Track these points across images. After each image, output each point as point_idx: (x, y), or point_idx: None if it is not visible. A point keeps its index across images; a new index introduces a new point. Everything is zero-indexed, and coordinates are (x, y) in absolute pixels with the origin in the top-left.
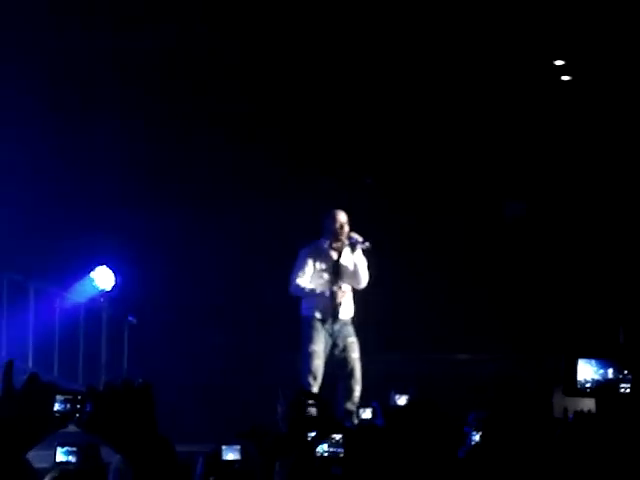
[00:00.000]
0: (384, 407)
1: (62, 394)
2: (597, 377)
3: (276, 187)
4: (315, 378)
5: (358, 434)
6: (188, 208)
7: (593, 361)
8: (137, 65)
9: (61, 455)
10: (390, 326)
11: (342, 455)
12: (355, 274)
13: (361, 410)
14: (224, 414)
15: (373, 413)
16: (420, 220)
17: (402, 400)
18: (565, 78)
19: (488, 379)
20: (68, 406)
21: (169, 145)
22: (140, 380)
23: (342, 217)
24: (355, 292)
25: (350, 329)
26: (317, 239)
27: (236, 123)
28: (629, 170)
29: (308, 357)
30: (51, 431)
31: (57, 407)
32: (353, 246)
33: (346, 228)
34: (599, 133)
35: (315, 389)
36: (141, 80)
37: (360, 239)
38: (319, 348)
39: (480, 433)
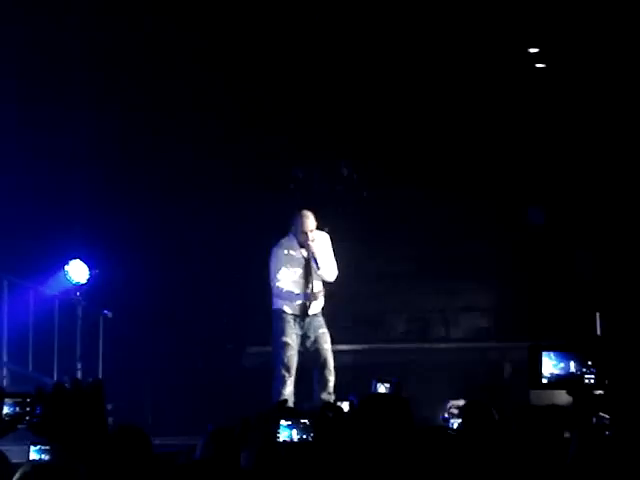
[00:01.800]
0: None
1: (10, 397)
2: (558, 371)
3: (252, 177)
4: (288, 370)
5: (327, 419)
6: (163, 200)
7: (554, 354)
8: (111, 54)
9: (34, 454)
10: (372, 316)
11: (311, 440)
12: (324, 270)
13: (339, 403)
14: (203, 407)
15: (350, 406)
16: (403, 210)
17: (382, 389)
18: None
19: (467, 368)
20: (17, 409)
21: (143, 137)
22: (90, 379)
23: (308, 225)
24: (327, 284)
25: (320, 320)
26: (285, 235)
27: (212, 114)
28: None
29: (280, 349)
30: (1, 434)
31: (6, 410)
32: (311, 258)
33: (311, 235)
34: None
35: (289, 381)
36: (115, 70)
37: (316, 256)
38: (291, 340)
39: (459, 420)
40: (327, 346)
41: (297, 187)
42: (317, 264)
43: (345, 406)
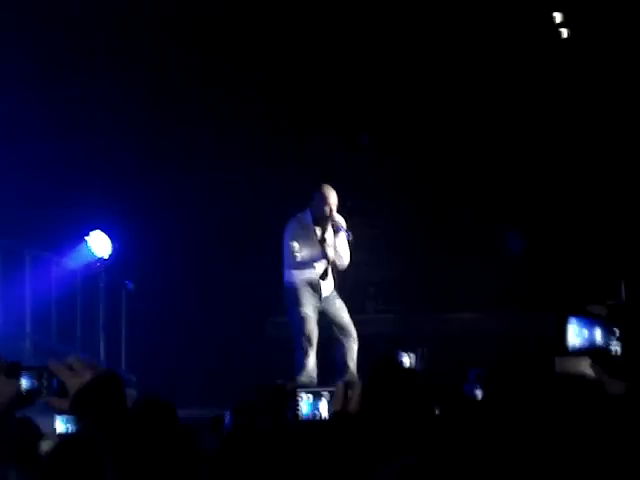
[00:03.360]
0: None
1: (27, 370)
2: (584, 339)
3: (272, 150)
4: (310, 341)
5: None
6: (184, 172)
7: (580, 320)
8: (131, 26)
9: (61, 424)
10: (393, 287)
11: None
12: (337, 254)
13: None
14: (224, 380)
15: None
16: (419, 179)
17: (407, 359)
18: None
19: (491, 337)
20: (35, 382)
21: (165, 111)
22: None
23: (333, 199)
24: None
25: (335, 294)
26: (302, 210)
27: (232, 86)
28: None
29: (300, 321)
30: (18, 408)
31: (24, 384)
32: (337, 230)
33: (334, 210)
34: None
35: (312, 353)
36: (135, 44)
37: (344, 227)
38: (310, 311)
39: (481, 389)
40: (347, 315)
41: (316, 158)
42: (347, 233)
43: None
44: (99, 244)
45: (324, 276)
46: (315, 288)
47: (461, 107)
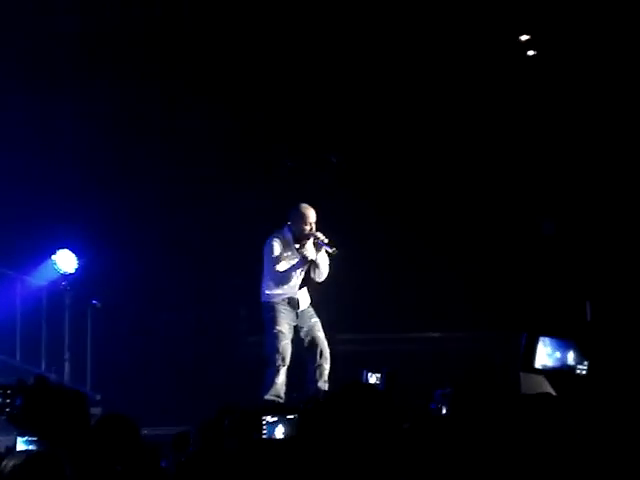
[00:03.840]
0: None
1: None
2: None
3: (239, 166)
4: (284, 359)
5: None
6: (151, 189)
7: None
8: (101, 38)
9: (22, 445)
10: (361, 306)
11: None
12: (316, 269)
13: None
14: (190, 399)
15: None
16: (386, 199)
17: (374, 379)
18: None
19: (458, 357)
20: (1, 399)
21: (129, 127)
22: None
23: (313, 217)
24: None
25: (311, 310)
26: (279, 227)
27: (205, 104)
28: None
29: (274, 338)
30: None
31: None
32: (318, 246)
33: (314, 228)
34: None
35: (283, 370)
36: (103, 57)
37: (326, 241)
38: (285, 329)
39: (447, 408)
40: (321, 334)
41: (287, 177)
42: (330, 248)
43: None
44: (65, 261)
45: (301, 287)
46: (293, 304)
47: (429, 129)
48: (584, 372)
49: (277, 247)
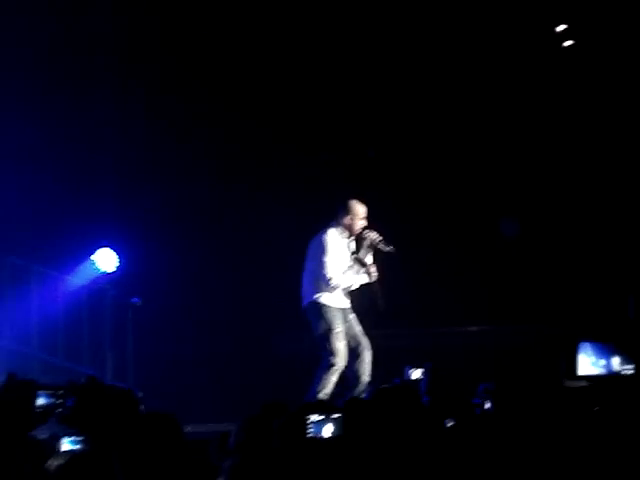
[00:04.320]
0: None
1: (43, 389)
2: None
3: (281, 164)
4: (344, 359)
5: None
6: (191, 188)
7: (595, 347)
8: (135, 38)
9: (67, 445)
10: (399, 301)
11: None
12: (367, 269)
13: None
14: (231, 396)
15: None
16: (424, 191)
17: (416, 374)
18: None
19: (497, 351)
20: (51, 401)
21: (170, 123)
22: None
23: (365, 212)
24: None
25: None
26: (325, 224)
27: (241, 98)
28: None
29: (335, 339)
30: (33, 426)
31: (41, 402)
32: (372, 246)
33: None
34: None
35: (339, 372)
36: (139, 55)
37: (381, 240)
38: (342, 329)
39: (491, 403)
40: (361, 329)
41: (324, 171)
42: (386, 246)
43: None
44: (105, 260)
45: (352, 288)
46: (344, 303)
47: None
48: (630, 372)
49: (332, 246)
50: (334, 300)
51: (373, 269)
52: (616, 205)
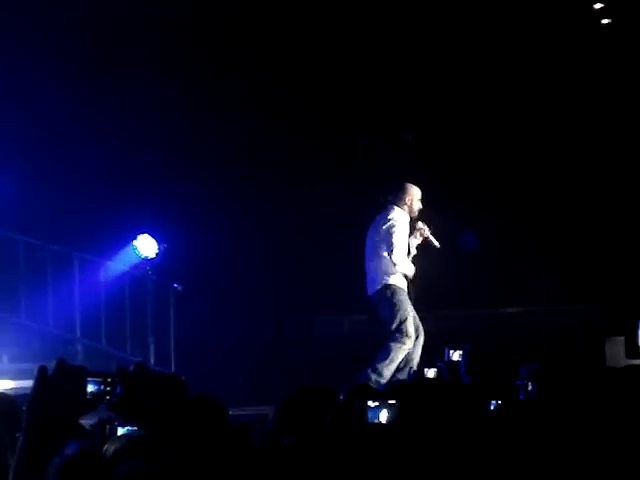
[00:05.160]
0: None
1: (92, 376)
2: None
3: (316, 146)
4: (412, 340)
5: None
6: (229, 172)
7: None
8: (177, 29)
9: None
10: (437, 283)
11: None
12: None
13: (425, 370)
14: (273, 380)
15: (438, 373)
16: (463, 176)
17: (456, 356)
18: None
19: (539, 331)
20: (101, 387)
21: (208, 111)
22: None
23: (420, 195)
24: None
25: None
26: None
27: (272, 82)
28: None
29: (407, 322)
30: (83, 413)
31: (91, 389)
32: (423, 237)
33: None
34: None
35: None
36: (180, 47)
37: (432, 234)
38: (412, 311)
39: (533, 385)
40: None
41: (361, 155)
42: (435, 241)
43: (432, 373)
44: (146, 246)
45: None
46: (408, 287)
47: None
48: None
49: (404, 229)
50: (403, 282)
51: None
52: None
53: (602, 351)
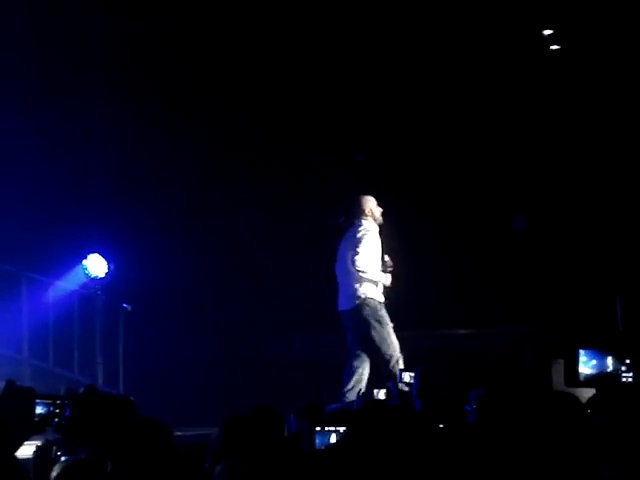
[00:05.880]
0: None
1: (41, 398)
2: (596, 368)
3: (267, 168)
4: (398, 352)
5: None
6: (180, 193)
7: (592, 352)
8: (130, 47)
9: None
10: (387, 305)
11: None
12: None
13: (375, 391)
14: (223, 400)
15: (387, 394)
16: (416, 197)
17: (407, 377)
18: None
19: (488, 354)
20: (50, 409)
21: (160, 131)
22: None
23: (375, 201)
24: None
25: None
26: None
27: (227, 104)
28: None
29: (390, 335)
30: (31, 434)
31: (39, 410)
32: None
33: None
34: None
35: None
36: (129, 66)
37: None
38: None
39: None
40: None
41: (311, 174)
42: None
43: (382, 394)
44: (95, 266)
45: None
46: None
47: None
48: (630, 379)
49: (373, 239)
50: (380, 295)
51: (390, 269)
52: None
53: (549, 373)
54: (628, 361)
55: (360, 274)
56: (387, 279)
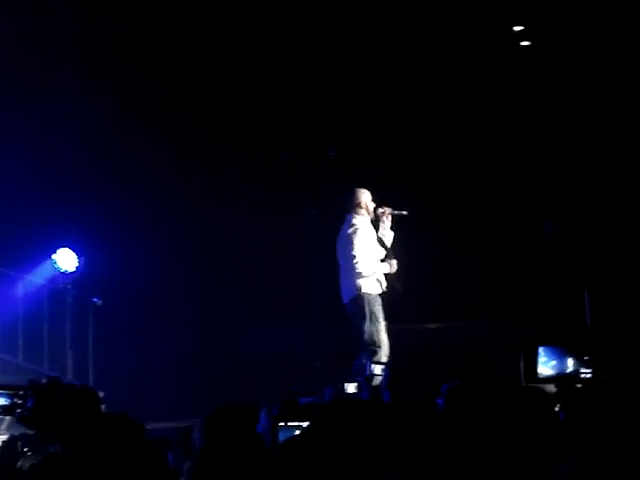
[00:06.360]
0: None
1: (4, 389)
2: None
3: (240, 161)
4: (385, 351)
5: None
6: (151, 188)
7: (548, 350)
8: (100, 45)
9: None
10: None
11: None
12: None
13: (346, 384)
14: (193, 394)
15: (358, 388)
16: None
17: (378, 370)
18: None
19: (458, 348)
20: (13, 400)
21: (131, 126)
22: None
23: (368, 191)
24: None
25: None
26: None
27: (202, 101)
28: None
29: (380, 331)
30: None
31: (1, 402)
32: (391, 217)
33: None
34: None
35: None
36: (102, 63)
37: (393, 209)
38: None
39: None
40: None
41: (284, 170)
42: (402, 211)
43: (352, 388)
44: (65, 260)
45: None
46: (382, 288)
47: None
48: (589, 376)
49: (366, 233)
50: (376, 288)
51: (394, 261)
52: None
53: (518, 368)
54: (587, 358)
55: (357, 270)
56: (390, 267)
